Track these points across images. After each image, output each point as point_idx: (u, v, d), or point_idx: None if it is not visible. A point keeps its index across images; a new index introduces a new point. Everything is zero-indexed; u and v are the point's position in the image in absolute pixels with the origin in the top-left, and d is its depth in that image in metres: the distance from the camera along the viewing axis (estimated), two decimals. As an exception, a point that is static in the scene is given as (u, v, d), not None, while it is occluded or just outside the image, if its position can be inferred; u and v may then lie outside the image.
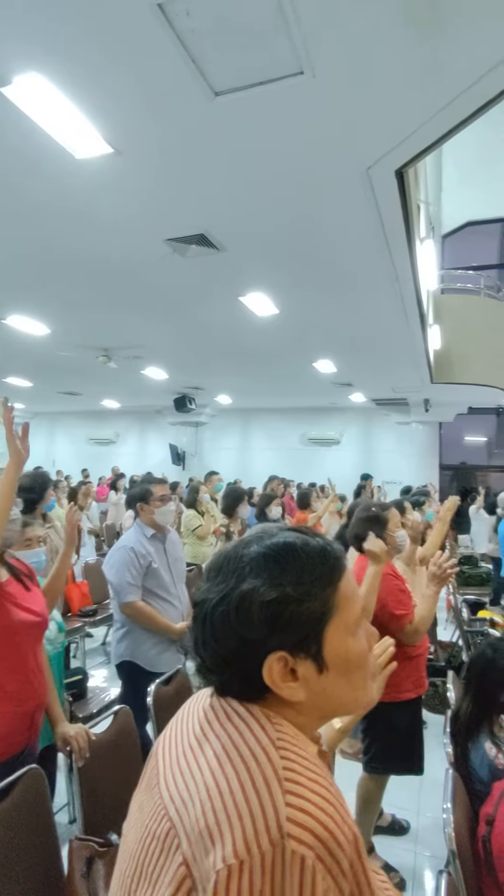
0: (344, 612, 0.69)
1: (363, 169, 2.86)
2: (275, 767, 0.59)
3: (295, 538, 0.71)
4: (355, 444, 12.40)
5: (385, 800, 2.55)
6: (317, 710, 0.69)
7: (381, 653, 1.16)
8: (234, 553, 0.70)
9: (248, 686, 0.66)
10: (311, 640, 0.67)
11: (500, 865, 1.28)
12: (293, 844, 0.54)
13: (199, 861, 0.56)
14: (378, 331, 5.86)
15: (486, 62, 2.17)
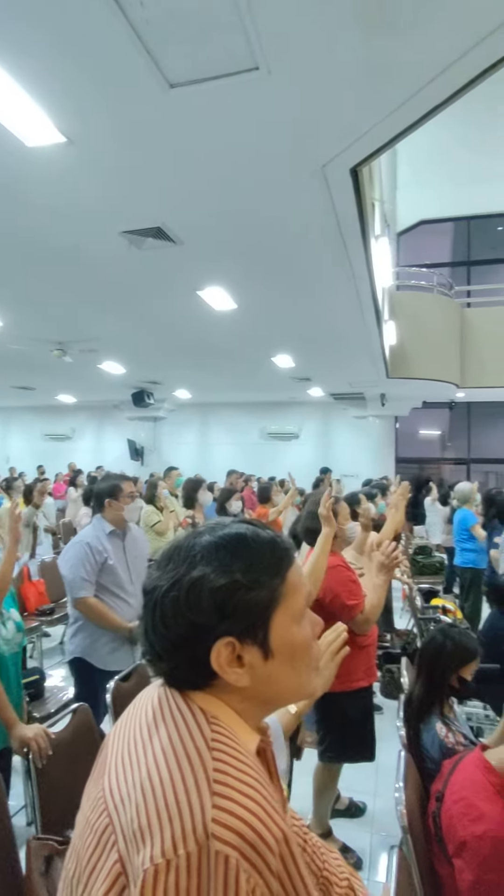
0: (291, 601, 0.71)
1: (318, 166, 2.89)
2: (206, 769, 0.61)
3: (246, 529, 0.73)
4: (314, 439, 12.55)
5: (342, 784, 2.63)
6: (261, 696, 0.71)
7: (335, 638, 1.20)
8: (186, 542, 0.72)
9: (195, 672, 0.68)
10: (259, 626, 0.69)
11: (449, 838, 1.35)
12: (217, 845, 0.56)
13: (131, 859, 0.58)
14: (335, 326, 5.94)
15: (437, 65, 2.23)
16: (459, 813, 1.33)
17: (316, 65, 2.20)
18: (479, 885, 1.25)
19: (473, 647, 1.90)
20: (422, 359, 8.75)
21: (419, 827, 1.44)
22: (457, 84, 2.36)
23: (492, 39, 2.13)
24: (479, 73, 2.31)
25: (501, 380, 9.54)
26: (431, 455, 13.32)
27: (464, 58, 2.20)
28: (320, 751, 2.42)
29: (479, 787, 1.36)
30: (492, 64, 2.29)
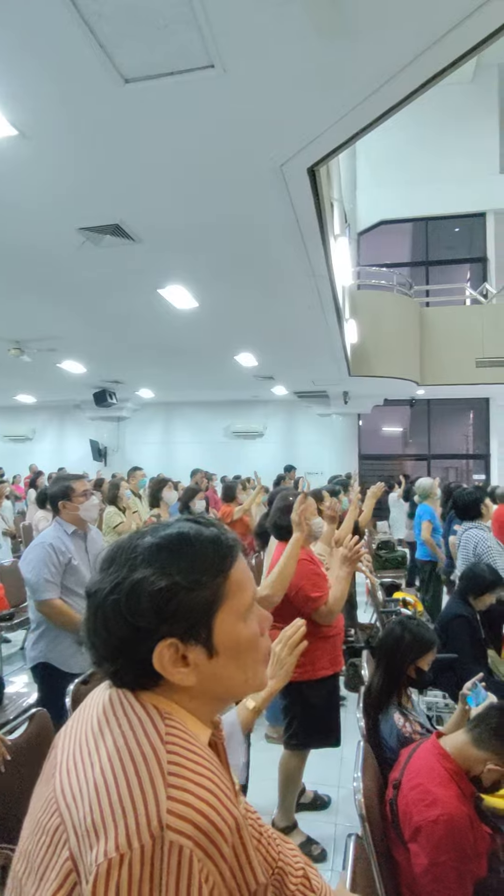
0: (235, 598, 0.72)
1: (276, 165, 2.91)
2: (160, 762, 0.61)
3: (189, 528, 0.73)
4: (278, 437, 12.62)
5: (307, 777, 2.66)
6: (209, 694, 0.72)
7: (293, 633, 1.22)
8: (129, 544, 0.72)
9: (141, 673, 0.68)
10: (201, 626, 0.69)
11: (405, 824, 1.38)
12: (172, 836, 0.57)
13: (83, 856, 0.58)
14: (297, 325, 5.99)
15: (389, 69, 2.28)
16: (415, 799, 1.37)
17: (271, 65, 2.21)
18: (432, 867, 1.29)
19: (430, 639, 1.95)
20: (383, 357, 8.91)
21: (377, 815, 1.47)
22: (409, 87, 2.41)
23: (442, 44, 2.18)
24: (430, 76, 2.37)
25: (459, 377, 9.80)
26: (394, 451, 13.58)
27: (415, 62, 2.25)
28: (286, 737, 2.45)
29: (433, 773, 1.40)
30: (442, 68, 2.35)
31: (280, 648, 1.33)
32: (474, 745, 1.42)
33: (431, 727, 1.93)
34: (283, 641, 1.35)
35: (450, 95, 11.43)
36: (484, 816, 1.44)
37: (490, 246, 11.76)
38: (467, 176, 11.53)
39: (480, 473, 12.05)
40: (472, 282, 12.09)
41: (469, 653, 2.81)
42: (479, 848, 1.35)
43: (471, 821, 1.34)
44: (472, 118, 11.65)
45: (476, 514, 3.66)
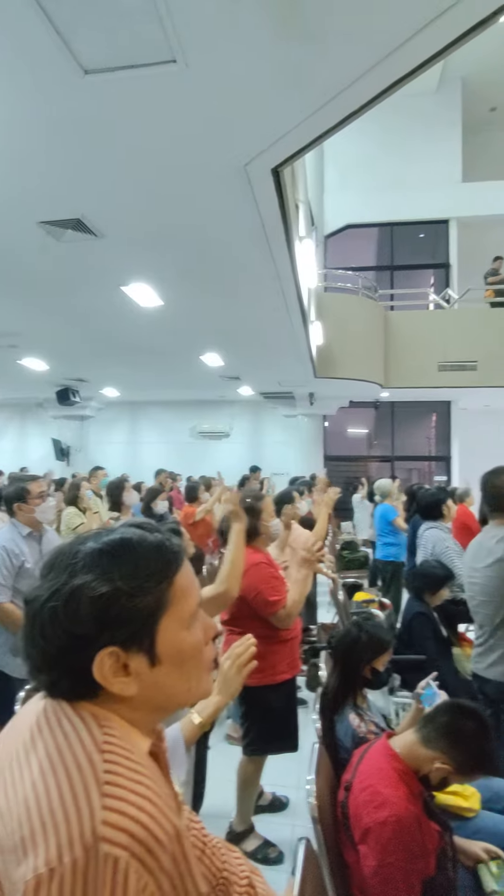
0: (179, 605, 0.70)
1: (240, 165, 2.89)
2: (96, 772, 0.59)
3: (132, 534, 0.71)
4: (245, 437, 12.62)
5: (266, 779, 2.65)
6: (150, 704, 0.70)
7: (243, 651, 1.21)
8: (70, 549, 0.69)
9: (78, 684, 0.66)
10: (144, 634, 0.67)
11: (355, 826, 1.39)
12: (106, 847, 0.55)
13: (9, 874, 0.55)
14: (262, 325, 5.99)
15: (350, 74, 2.29)
16: (364, 801, 1.37)
17: (234, 63, 2.19)
18: (381, 868, 1.29)
19: (387, 639, 1.96)
20: (348, 359, 9.01)
21: (330, 817, 1.47)
22: (371, 93, 2.43)
23: (403, 50, 2.21)
24: (391, 82, 2.39)
25: (422, 381, 9.99)
26: (358, 453, 13.75)
27: (377, 67, 2.27)
28: (245, 744, 2.44)
29: (383, 773, 1.40)
30: (404, 75, 2.37)
31: (228, 666, 1.30)
32: (422, 744, 1.44)
33: (387, 727, 1.94)
34: (232, 659, 1.31)
35: (415, 104, 11.66)
36: (433, 814, 1.45)
37: (453, 252, 12.03)
38: (432, 184, 11.78)
39: (442, 475, 12.31)
40: (435, 287, 12.35)
41: (434, 650, 2.86)
42: (427, 846, 1.36)
43: (419, 820, 1.35)
44: (436, 128, 11.91)
45: (438, 515, 3.73)
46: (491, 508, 2.30)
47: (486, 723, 1.46)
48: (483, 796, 1.88)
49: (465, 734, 1.42)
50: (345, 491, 10.99)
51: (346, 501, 10.48)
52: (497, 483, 2.25)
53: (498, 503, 2.26)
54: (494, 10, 2.07)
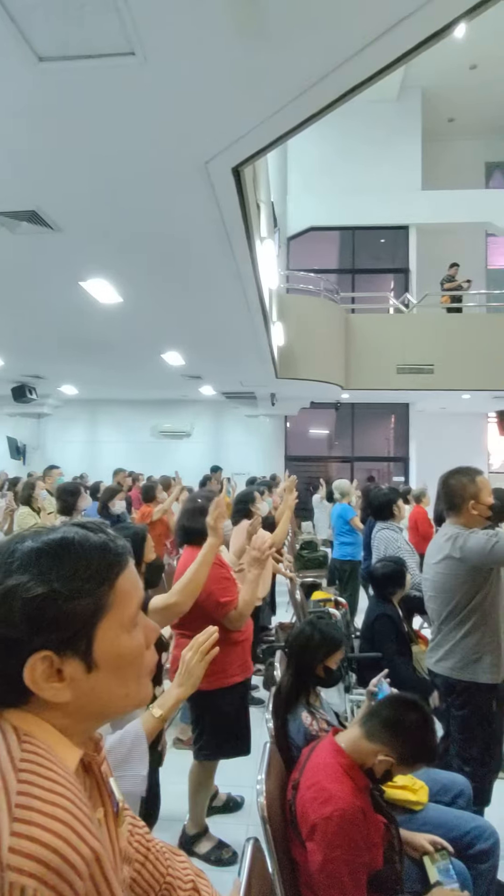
0: (120, 608, 0.68)
1: (201, 162, 2.88)
2: (8, 795, 0.56)
3: (74, 533, 0.68)
4: (206, 437, 12.57)
5: (220, 779, 2.65)
6: (85, 711, 0.67)
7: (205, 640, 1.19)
8: (6, 548, 0.66)
9: (6, 689, 0.63)
10: (80, 638, 0.65)
11: (302, 823, 1.40)
12: (13, 876, 0.52)
13: None
14: (224, 325, 5.98)
15: (310, 77, 2.30)
16: (311, 798, 1.38)
17: (193, 60, 2.17)
18: (326, 864, 1.31)
19: (339, 638, 1.98)
20: (309, 360, 9.09)
21: (280, 816, 1.48)
22: (331, 96, 2.45)
23: (361, 57, 2.24)
24: (349, 88, 2.41)
25: (381, 383, 10.18)
26: (319, 453, 13.89)
27: (336, 71, 2.29)
28: (196, 749, 2.41)
29: (329, 770, 1.42)
30: (362, 81, 2.40)
31: (191, 656, 1.29)
32: (366, 738, 1.46)
33: (340, 724, 1.96)
34: (195, 648, 1.31)
35: (377, 111, 11.88)
36: (380, 807, 1.48)
37: (412, 258, 12.31)
38: (392, 190, 12.02)
39: (400, 475, 12.58)
40: (395, 291, 12.61)
41: (395, 649, 2.91)
42: (373, 838, 1.38)
43: (364, 813, 1.37)
44: (397, 135, 12.16)
45: (389, 515, 3.80)
46: (446, 508, 2.35)
47: (426, 715, 1.49)
48: (431, 790, 1.92)
49: (407, 726, 1.45)
50: (305, 491, 11.13)
51: (305, 502, 10.60)
52: (453, 483, 2.30)
53: (448, 502, 2.32)
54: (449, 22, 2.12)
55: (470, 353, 10.02)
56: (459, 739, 2.24)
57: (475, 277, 12.19)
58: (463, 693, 2.20)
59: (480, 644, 2.17)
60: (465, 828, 1.75)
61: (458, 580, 2.19)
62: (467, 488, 2.27)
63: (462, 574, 2.18)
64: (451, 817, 1.80)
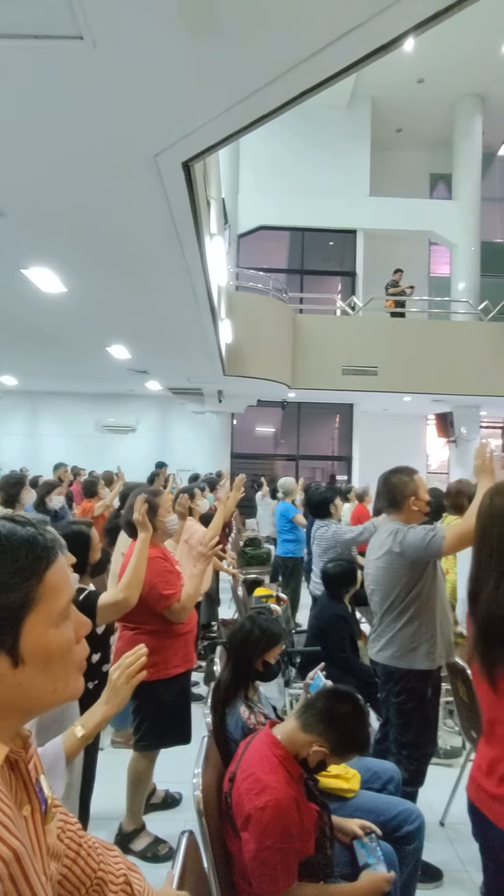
0: (48, 603, 0.67)
1: (150, 155, 2.84)
2: None
3: (0, 527, 0.67)
4: (151, 432, 12.43)
5: (159, 776, 2.64)
6: (10, 706, 0.66)
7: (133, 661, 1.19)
8: None
9: None
10: (6, 632, 0.64)
11: (238, 813, 1.42)
12: None
13: None
14: (171, 320, 5.93)
15: (262, 77, 2.31)
16: (246, 789, 1.41)
17: (144, 50, 2.15)
18: (260, 852, 1.34)
19: (278, 632, 2.02)
20: (257, 358, 9.15)
21: (216, 809, 1.50)
22: (282, 98, 2.47)
23: (313, 62, 2.27)
24: (300, 93, 2.45)
25: (327, 383, 10.38)
26: (265, 451, 14.02)
27: (286, 75, 2.32)
28: (136, 740, 2.41)
29: (264, 761, 1.45)
30: (312, 86, 2.44)
31: (118, 676, 1.28)
32: (302, 729, 1.50)
33: (278, 718, 2.00)
34: (122, 669, 1.29)
35: (329, 116, 12.07)
36: (313, 796, 1.52)
37: (359, 262, 12.59)
38: (341, 194, 12.25)
39: (343, 474, 12.87)
40: (342, 294, 12.87)
41: (346, 646, 3.00)
42: (305, 826, 1.42)
43: (298, 802, 1.41)
44: (347, 141, 12.40)
45: (326, 513, 3.89)
46: (388, 505, 2.45)
47: (360, 706, 1.55)
48: (363, 777, 2.00)
49: (340, 717, 1.50)
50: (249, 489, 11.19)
51: (249, 499, 10.67)
52: (395, 482, 2.40)
53: (389, 500, 2.41)
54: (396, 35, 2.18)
55: (412, 357, 10.38)
56: (397, 725, 2.34)
57: (418, 284, 12.63)
58: (401, 680, 2.30)
59: (418, 633, 2.28)
60: (393, 812, 1.83)
61: (398, 573, 2.28)
62: (408, 486, 2.38)
63: (402, 568, 2.27)
64: (380, 802, 1.88)
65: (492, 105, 12.26)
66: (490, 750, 1.29)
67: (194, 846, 1.26)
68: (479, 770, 1.32)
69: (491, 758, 1.27)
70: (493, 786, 1.25)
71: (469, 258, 12.13)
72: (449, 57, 10.85)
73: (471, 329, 11.00)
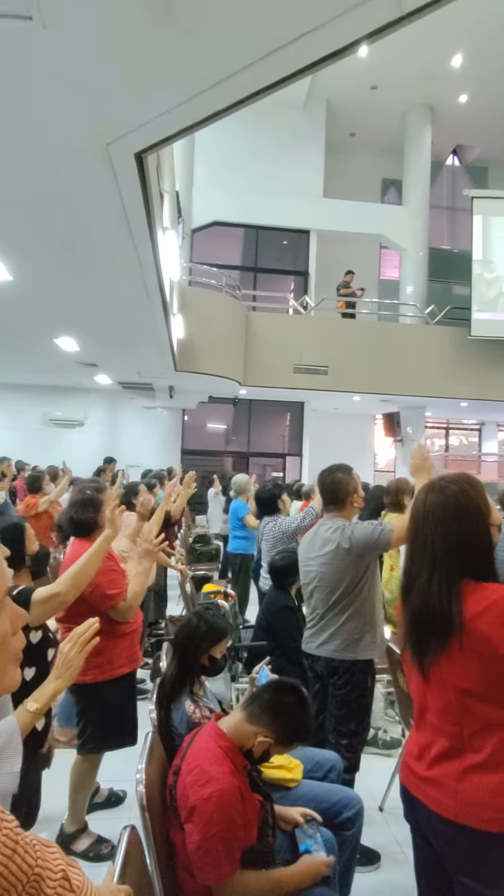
0: None
1: (102, 143, 2.79)
2: None
3: None
4: (100, 427, 12.19)
5: (102, 775, 2.61)
6: None
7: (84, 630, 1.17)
8: None
9: None
10: None
11: (182, 806, 1.43)
12: None
13: None
14: (122, 313, 5.83)
15: (219, 72, 2.31)
16: (192, 781, 1.42)
17: (96, 36, 2.11)
18: (204, 841, 1.36)
19: (224, 627, 2.04)
20: (209, 355, 9.12)
21: (159, 804, 1.50)
22: (237, 95, 2.47)
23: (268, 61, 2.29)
24: (255, 91, 2.46)
25: (278, 381, 10.48)
26: (216, 448, 14.00)
27: (242, 72, 2.32)
28: (80, 743, 2.36)
29: (210, 753, 1.47)
30: (268, 85, 2.46)
31: (69, 648, 1.27)
32: (247, 721, 1.53)
33: (223, 711, 2.02)
34: (73, 640, 1.29)
35: (286, 115, 12.15)
36: (256, 786, 1.55)
37: (312, 262, 12.74)
38: (296, 194, 12.35)
39: (294, 472, 13.02)
40: (294, 293, 13.00)
41: (296, 636, 3.03)
42: (249, 815, 1.45)
43: (242, 792, 1.44)
44: (303, 141, 12.51)
45: (274, 510, 3.93)
46: (326, 502, 2.50)
47: (304, 697, 1.59)
48: (305, 767, 2.04)
49: (286, 708, 1.54)
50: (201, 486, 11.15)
51: (200, 496, 10.64)
52: (332, 479, 2.46)
53: (332, 497, 2.47)
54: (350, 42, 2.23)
55: (361, 358, 10.61)
56: (338, 716, 2.39)
57: (369, 286, 12.92)
58: (346, 673, 2.36)
59: (360, 625, 2.35)
60: (333, 799, 1.89)
61: (345, 569, 2.33)
62: (350, 484, 2.44)
63: (349, 563, 2.32)
64: (321, 791, 1.93)
65: (441, 116, 12.67)
66: (420, 736, 1.35)
67: (136, 841, 1.26)
68: (410, 755, 1.38)
69: (422, 743, 1.34)
70: (422, 769, 1.31)
71: (417, 263, 12.50)
72: (402, 66, 11.13)
73: (418, 332, 11.36)
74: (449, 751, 1.26)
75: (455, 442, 16.97)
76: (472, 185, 14.17)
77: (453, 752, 1.25)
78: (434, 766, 1.28)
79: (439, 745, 1.28)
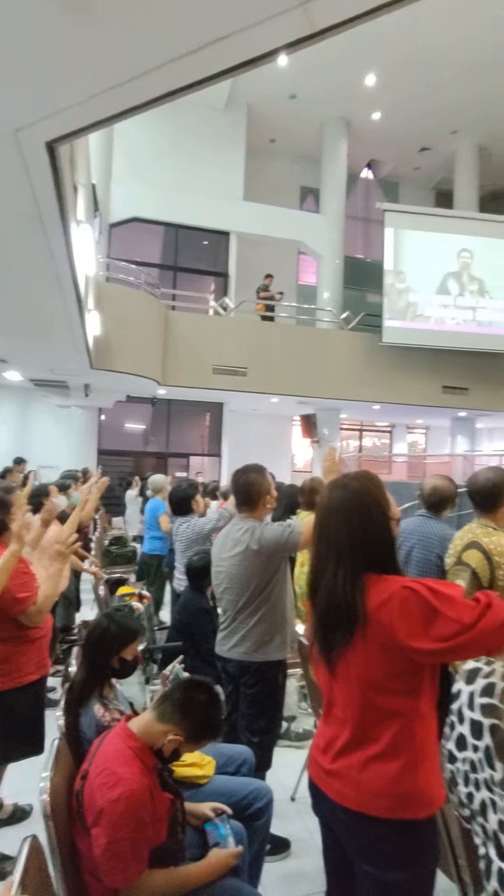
0: None
1: (10, 129, 2.67)
2: None
3: None
4: (10, 426, 11.58)
5: (5, 789, 2.49)
6: None
7: None
8: None
9: None
10: None
11: (89, 810, 1.40)
12: None
13: None
14: (33, 307, 5.59)
15: (136, 68, 2.29)
16: (100, 783, 1.40)
17: (4, 16, 2.02)
18: (112, 844, 1.34)
19: (135, 628, 2.02)
20: (126, 353, 8.94)
21: (65, 811, 1.46)
22: (153, 93, 2.46)
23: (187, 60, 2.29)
24: (173, 89, 2.45)
25: (196, 381, 10.47)
26: (134, 448, 13.74)
27: (160, 69, 2.31)
28: None
29: (119, 754, 1.45)
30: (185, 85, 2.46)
31: None
32: (158, 720, 1.53)
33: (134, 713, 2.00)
34: None
35: (207, 115, 12.16)
36: (167, 785, 1.55)
37: (232, 264, 12.83)
38: (216, 195, 12.39)
39: (213, 472, 13.04)
40: (215, 294, 13.03)
41: (210, 638, 3.03)
42: (159, 813, 1.45)
43: (152, 791, 1.43)
44: (224, 143, 12.58)
45: (188, 510, 3.93)
46: (239, 503, 2.52)
47: (215, 695, 1.61)
48: (218, 762, 2.07)
49: (197, 706, 1.55)
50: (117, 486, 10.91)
51: (117, 497, 10.41)
52: (245, 480, 2.48)
53: (245, 498, 2.49)
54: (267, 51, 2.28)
55: (280, 360, 10.83)
56: (249, 714, 2.42)
57: (287, 290, 13.20)
58: (256, 673, 2.39)
59: (271, 627, 2.38)
60: (244, 792, 1.92)
61: (255, 570, 2.35)
62: (263, 485, 2.48)
63: (259, 564, 2.34)
64: (232, 784, 1.96)
65: (356, 130, 13.20)
66: (327, 729, 1.39)
67: (37, 850, 1.22)
68: (317, 749, 1.42)
69: (328, 737, 1.38)
70: (327, 762, 1.35)
71: (333, 270, 12.93)
72: (320, 79, 11.48)
73: (333, 337, 11.76)
74: (351, 742, 1.30)
75: (368, 443, 17.76)
76: (385, 199, 14.87)
77: (355, 743, 1.29)
78: (338, 759, 1.32)
79: (343, 737, 1.32)
